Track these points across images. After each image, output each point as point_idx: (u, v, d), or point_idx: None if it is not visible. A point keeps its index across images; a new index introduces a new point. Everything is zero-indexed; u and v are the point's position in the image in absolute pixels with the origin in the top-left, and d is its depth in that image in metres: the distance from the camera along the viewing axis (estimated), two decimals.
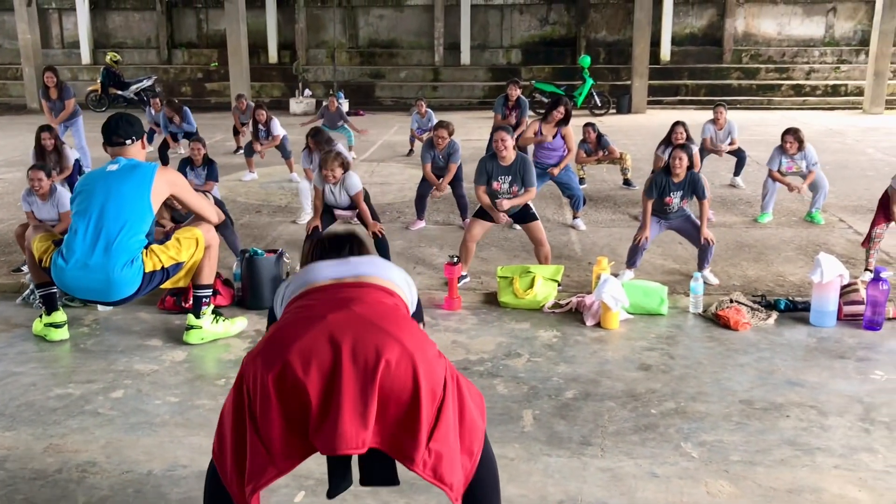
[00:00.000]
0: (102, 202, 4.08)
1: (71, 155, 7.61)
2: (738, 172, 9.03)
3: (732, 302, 4.97)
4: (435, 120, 9.81)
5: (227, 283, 5.34)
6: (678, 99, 18.40)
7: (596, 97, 16.84)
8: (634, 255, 5.76)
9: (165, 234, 4.52)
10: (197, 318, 4.58)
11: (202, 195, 5.11)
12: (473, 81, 19.96)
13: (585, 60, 16.92)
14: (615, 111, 17.08)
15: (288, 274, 5.46)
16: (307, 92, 18.36)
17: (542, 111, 8.83)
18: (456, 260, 5.31)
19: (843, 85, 18.42)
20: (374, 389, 2.13)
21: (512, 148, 5.69)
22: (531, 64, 20.09)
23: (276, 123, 9.83)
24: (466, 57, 20.53)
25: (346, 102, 16.35)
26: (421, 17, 20.92)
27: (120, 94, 18.42)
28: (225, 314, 4.83)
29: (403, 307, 2.47)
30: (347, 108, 16.04)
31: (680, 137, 7.57)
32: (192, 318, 4.60)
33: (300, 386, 2.13)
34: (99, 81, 18.54)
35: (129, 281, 4.06)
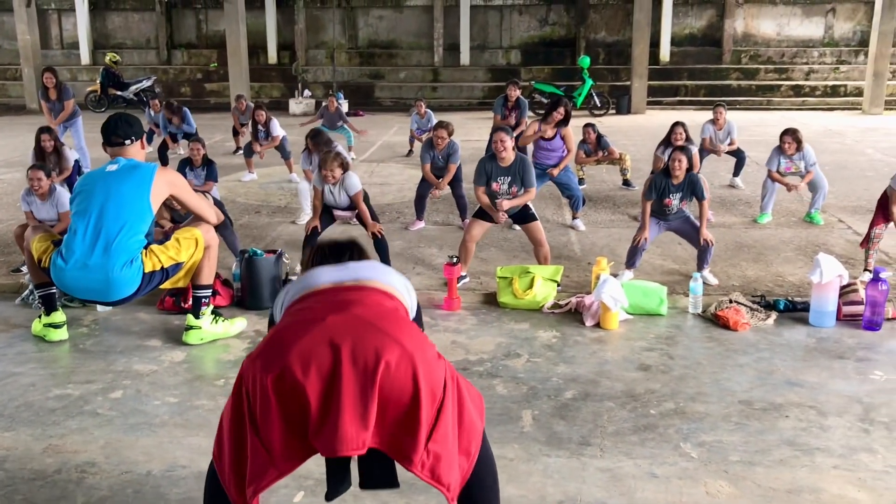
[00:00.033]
0: (102, 202, 4.08)
1: (70, 155, 7.61)
2: (737, 173, 9.03)
3: (732, 302, 4.97)
4: (434, 120, 9.82)
5: (226, 283, 5.34)
6: (677, 99, 18.41)
7: (595, 98, 16.84)
8: (634, 255, 5.76)
9: (165, 234, 4.52)
10: (196, 318, 4.58)
11: (201, 196, 5.11)
12: (473, 82, 19.97)
13: (585, 61, 16.92)
14: (615, 112, 17.08)
15: (287, 274, 5.47)
16: (307, 92, 18.35)
17: (541, 112, 8.84)
18: (455, 260, 5.31)
19: (842, 85, 18.43)
20: (374, 391, 2.13)
21: (511, 149, 5.70)
22: (531, 64, 20.10)
23: (275, 124, 9.82)
24: (466, 57, 20.55)
25: (345, 103, 16.34)
26: (420, 17, 20.93)
27: (119, 94, 18.43)
28: (224, 314, 4.83)
29: (403, 310, 2.47)
30: (347, 108, 16.03)
31: (679, 138, 7.56)
32: (191, 318, 4.60)
33: (299, 388, 2.13)
34: (98, 82, 18.55)
35: (128, 281, 4.06)
